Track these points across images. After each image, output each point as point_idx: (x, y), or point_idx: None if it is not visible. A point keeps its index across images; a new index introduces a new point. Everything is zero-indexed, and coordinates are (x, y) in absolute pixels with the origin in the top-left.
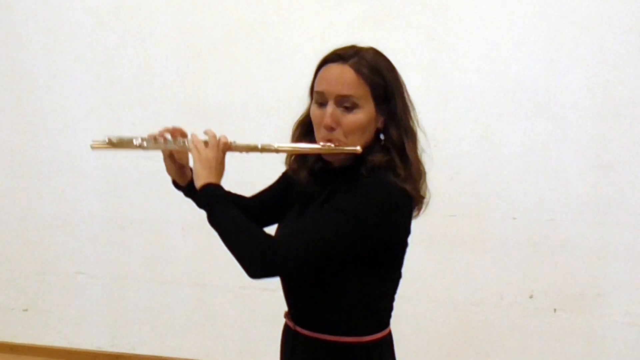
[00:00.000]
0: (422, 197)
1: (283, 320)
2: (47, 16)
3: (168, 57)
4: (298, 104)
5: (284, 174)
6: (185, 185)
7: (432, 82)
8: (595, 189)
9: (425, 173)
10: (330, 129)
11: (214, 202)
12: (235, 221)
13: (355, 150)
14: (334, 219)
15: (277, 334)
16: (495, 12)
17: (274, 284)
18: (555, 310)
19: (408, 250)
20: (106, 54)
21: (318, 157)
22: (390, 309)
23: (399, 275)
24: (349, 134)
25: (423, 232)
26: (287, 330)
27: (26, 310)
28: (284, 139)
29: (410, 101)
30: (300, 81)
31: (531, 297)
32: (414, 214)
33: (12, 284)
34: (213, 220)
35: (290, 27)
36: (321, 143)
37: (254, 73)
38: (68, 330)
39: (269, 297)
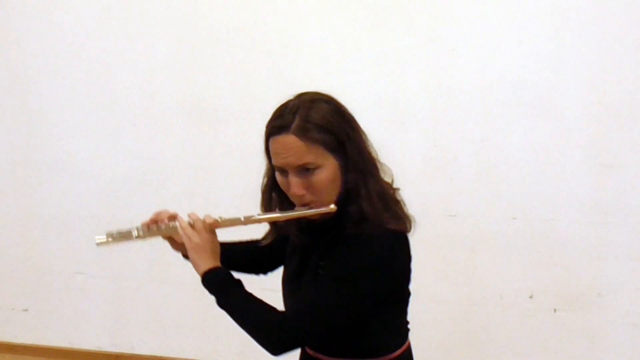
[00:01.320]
0: (409, 220)
1: None
2: (47, 16)
3: (168, 58)
4: None
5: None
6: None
7: (432, 82)
8: (595, 189)
9: (398, 198)
10: (301, 196)
11: (217, 290)
12: (243, 305)
13: (330, 209)
14: (336, 290)
15: None
16: (495, 12)
17: (275, 283)
18: (555, 310)
19: None
20: (106, 54)
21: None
22: (406, 322)
23: (409, 293)
24: (320, 192)
25: (423, 232)
26: (306, 357)
27: (26, 310)
28: None
29: (361, 134)
30: (300, 82)
31: (531, 297)
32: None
33: (12, 284)
34: (223, 307)
35: (291, 28)
36: (297, 208)
37: (254, 73)
38: (68, 330)
39: (269, 297)
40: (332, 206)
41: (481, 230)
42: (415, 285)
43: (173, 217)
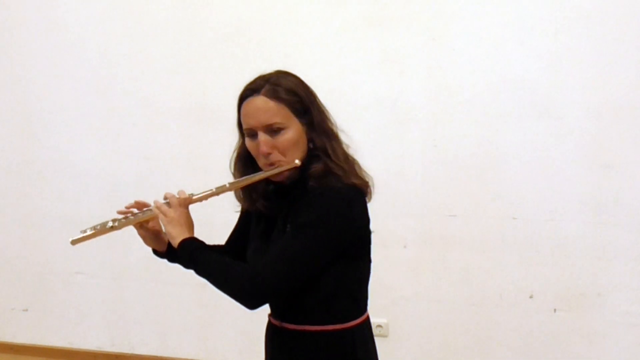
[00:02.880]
0: (367, 182)
1: None
2: (47, 17)
3: (168, 58)
4: None
5: (243, 211)
6: (166, 250)
7: (432, 82)
8: (595, 189)
9: (357, 162)
10: (268, 154)
11: (193, 255)
12: (217, 265)
13: (295, 164)
14: (302, 237)
15: None
16: (495, 12)
17: None
18: (555, 310)
19: (409, 250)
20: (106, 54)
21: (267, 181)
22: (366, 294)
23: (369, 261)
24: (285, 152)
25: (423, 232)
26: (272, 330)
27: (26, 310)
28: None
29: (324, 107)
30: None
31: (531, 297)
32: (367, 199)
33: (12, 284)
34: (199, 272)
35: (291, 28)
36: (264, 170)
37: (254, 73)
38: (68, 330)
39: None
40: (297, 161)
41: (481, 230)
42: (415, 285)
43: (146, 205)
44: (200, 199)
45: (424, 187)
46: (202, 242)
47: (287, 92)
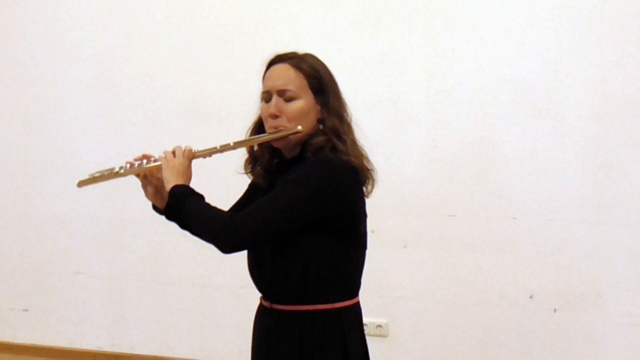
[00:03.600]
0: (368, 169)
1: None
2: (47, 16)
3: (168, 58)
4: None
5: (250, 184)
6: (165, 206)
7: (432, 82)
8: (595, 189)
9: (365, 153)
10: (275, 117)
11: (181, 198)
12: (202, 208)
13: (297, 130)
14: (285, 190)
15: None
16: (495, 12)
17: None
18: (555, 310)
19: (409, 250)
20: (106, 54)
21: (272, 153)
22: (359, 279)
23: (364, 246)
24: (292, 120)
25: (423, 232)
26: (262, 313)
27: (26, 310)
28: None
29: (343, 98)
30: None
31: (531, 297)
32: (367, 187)
33: (12, 284)
34: (183, 216)
35: (290, 28)
36: (268, 132)
37: (254, 73)
38: (68, 330)
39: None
40: (299, 127)
41: (481, 230)
42: (415, 285)
43: (149, 158)
44: (203, 155)
45: (424, 187)
46: (191, 189)
47: (309, 67)
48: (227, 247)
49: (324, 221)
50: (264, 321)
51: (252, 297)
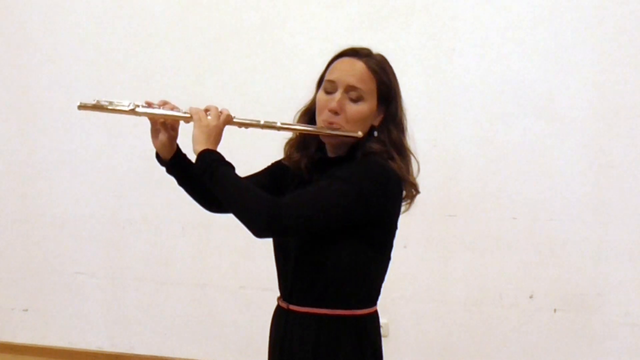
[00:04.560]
0: (414, 184)
1: None
2: (47, 16)
3: (169, 57)
4: (298, 104)
5: (276, 163)
6: (170, 159)
7: (432, 82)
8: (595, 189)
9: (419, 170)
10: (335, 113)
11: (216, 164)
12: (239, 182)
13: (356, 135)
14: (333, 185)
15: None
16: (495, 12)
17: (274, 283)
18: (555, 310)
19: (409, 250)
20: (106, 54)
21: (317, 147)
22: (380, 288)
23: (389, 257)
24: (351, 121)
25: (423, 232)
26: (279, 313)
27: (26, 310)
28: (283, 138)
29: (405, 111)
30: (300, 82)
31: (531, 297)
32: (404, 204)
33: (12, 284)
34: (215, 182)
35: (291, 28)
36: (321, 126)
37: (255, 73)
38: (68, 330)
39: (269, 297)
40: (360, 133)
41: (481, 230)
42: (415, 285)
43: (175, 108)
44: (240, 124)
45: (423, 187)
46: (223, 157)
47: (384, 72)
48: (266, 229)
49: (361, 226)
50: (280, 322)
51: (252, 297)
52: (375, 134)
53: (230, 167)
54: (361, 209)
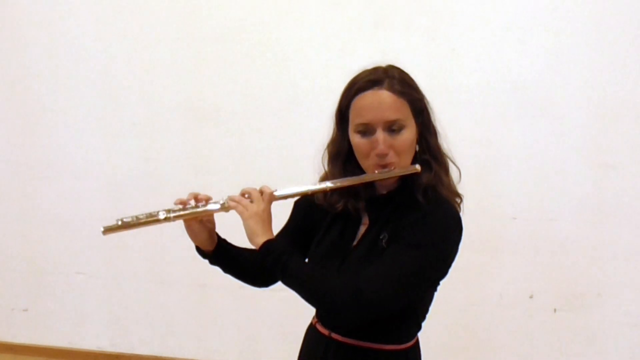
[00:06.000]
0: (461, 198)
1: (283, 321)
2: (47, 16)
3: (168, 57)
4: (298, 105)
5: (296, 206)
6: (212, 250)
7: (432, 82)
8: (595, 189)
9: (455, 164)
10: (385, 155)
11: (281, 260)
12: (313, 272)
13: (415, 170)
14: (413, 256)
15: (277, 334)
16: (495, 12)
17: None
18: (555, 310)
19: None
20: (106, 54)
21: (366, 185)
22: (425, 317)
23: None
24: (402, 154)
25: None
26: (317, 338)
27: (26, 310)
28: (283, 139)
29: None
30: (300, 82)
31: (531, 297)
32: None
33: (12, 284)
34: (288, 276)
35: (291, 28)
36: (376, 171)
37: (254, 73)
38: (68, 330)
39: (269, 297)
40: (417, 166)
41: (481, 230)
42: None
43: (209, 199)
44: (286, 197)
45: None
46: (286, 243)
47: (410, 88)
48: (351, 321)
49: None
50: (318, 348)
51: (252, 297)
52: (417, 147)
53: (297, 257)
54: (442, 270)
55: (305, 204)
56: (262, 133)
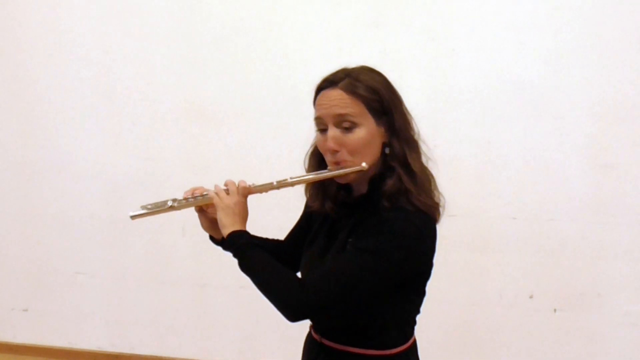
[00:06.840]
0: (437, 204)
1: (283, 321)
2: (47, 16)
3: (168, 58)
4: (298, 105)
5: (306, 207)
6: (222, 238)
7: (432, 82)
8: (595, 189)
9: (433, 178)
10: (334, 151)
11: (241, 249)
12: (265, 267)
13: (361, 167)
14: (362, 261)
15: (276, 334)
16: (495, 12)
17: None
18: (555, 310)
19: None
20: (106, 54)
21: (339, 186)
22: (415, 321)
23: (424, 294)
24: (354, 152)
25: None
26: (311, 343)
27: (26, 310)
28: (283, 139)
29: (409, 113)
30: (300, 82)
31: (531, 297)
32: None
33: (12, 284)
34: (243, 267)
35: (291, 28)
36: (328, 169)
37: (254, 74)
38: (68, 330)
39: None
40: (364, 164)
41: (481, 230)
42: None
43: (206, 191)
44: (259, 190)
45: None
46: (253, 237)
47: (366, 88)
48: (293, 318)
49: (397, 284)
50: (312, 353)
51: (252, 297)
52: (386, 150)
53: (254, 251)
54: (394, 277)
55: (309, 211)
56: (262, 133)
